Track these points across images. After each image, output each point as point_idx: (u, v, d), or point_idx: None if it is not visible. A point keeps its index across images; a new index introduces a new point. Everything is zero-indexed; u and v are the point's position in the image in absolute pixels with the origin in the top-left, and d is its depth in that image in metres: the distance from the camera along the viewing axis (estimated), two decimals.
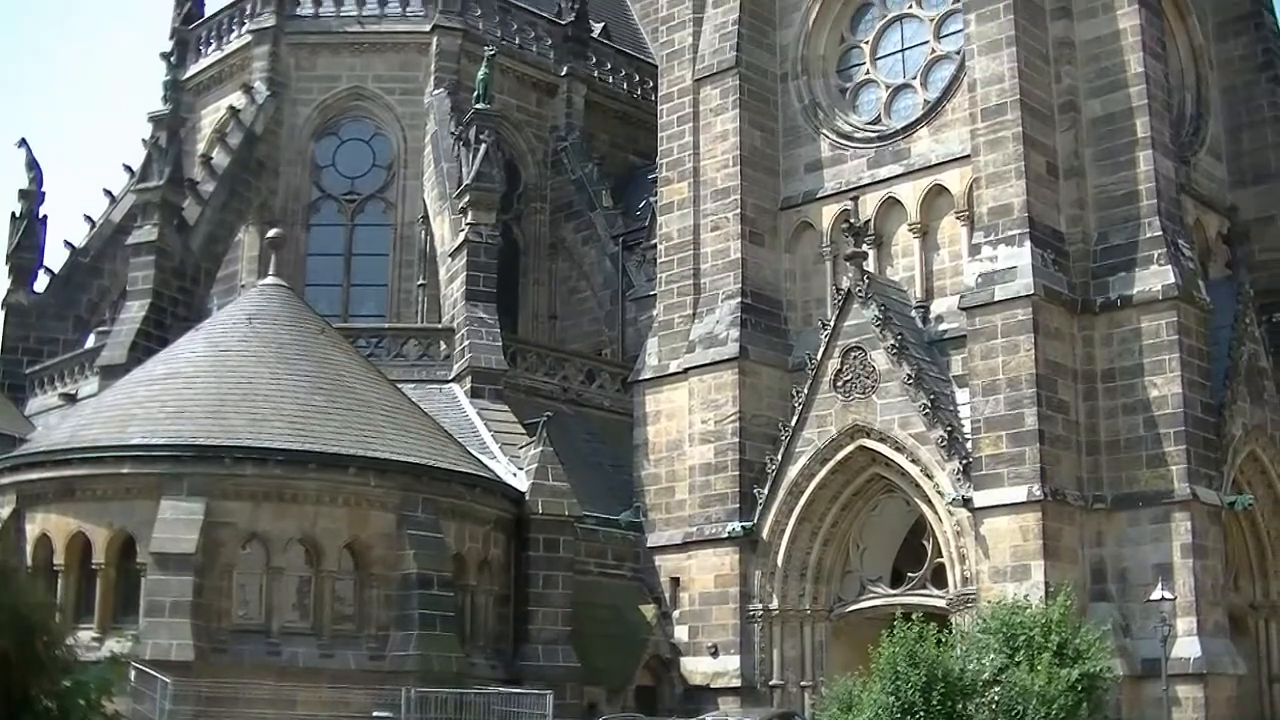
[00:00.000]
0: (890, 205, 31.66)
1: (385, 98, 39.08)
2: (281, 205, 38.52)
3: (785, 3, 34.47)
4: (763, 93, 33.71)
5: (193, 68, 41.36)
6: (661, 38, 36.10)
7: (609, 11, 46.46)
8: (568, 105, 41.39)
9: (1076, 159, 29.11)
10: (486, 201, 34.13)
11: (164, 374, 27.89)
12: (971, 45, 29.59)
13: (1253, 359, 29.96)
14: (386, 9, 39.50)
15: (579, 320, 40.23)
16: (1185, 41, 33.30)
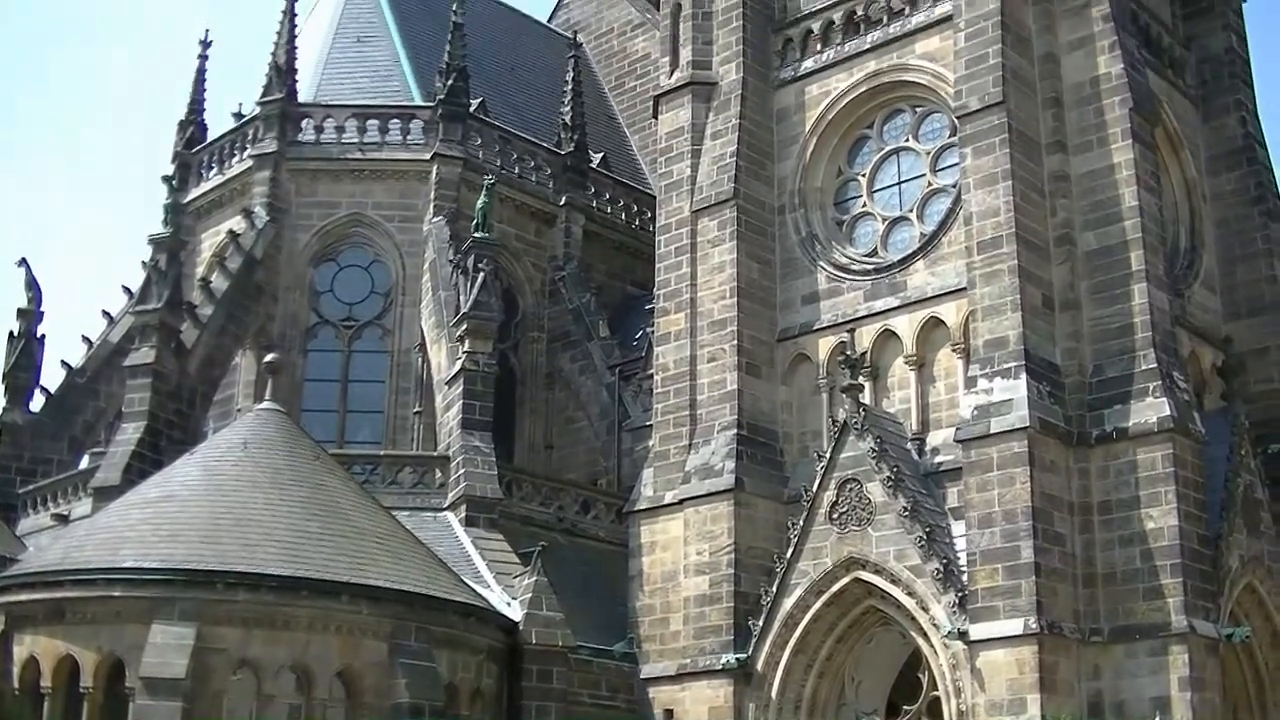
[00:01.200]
0: (887, 337, 31.91)
1: (385, 224, 39.58)
2: (279, 330, 38.83)
3: (783, 136, 35.04)
4: (760, 225, 34.13)
5: (194, 191, 41.93)
6: (660, 169, 36.57)
7: (608, 142, 47.20)
8: (566, 235, 41.91)
9: (1072, 292, 29.46)
10: (484, 330, 34.45)
11: (158, 497, 27.99)
12: (968, 179, 30.07)
13: (1249, 490, 30.04)
14: (387, 137, 40.11)
15: (575, 450, 40.39)
16: (1179, 176, 33.97)
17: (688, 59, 36.10)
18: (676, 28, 36.77)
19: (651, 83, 43.09)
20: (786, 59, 35.63)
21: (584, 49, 49.23)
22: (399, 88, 42.36)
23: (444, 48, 40.59)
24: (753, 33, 35.59)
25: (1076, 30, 31.09)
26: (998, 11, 30.62)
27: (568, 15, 54.43)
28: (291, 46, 40.79)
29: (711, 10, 36.21)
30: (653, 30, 47.09)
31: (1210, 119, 35.38)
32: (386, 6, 44.66)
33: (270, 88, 40.45)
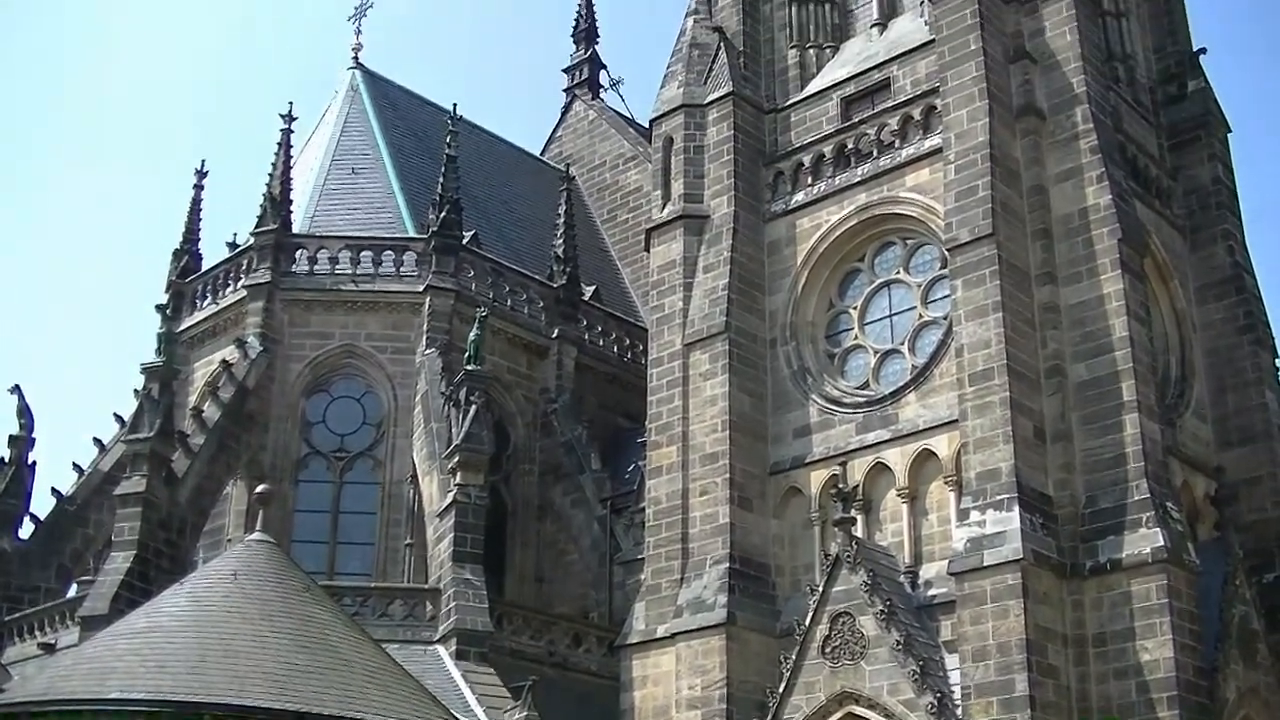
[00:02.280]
0: (879, 470, 32.10)
1: (377, 356, 39.83)
2: (270, 461, 38.91)
3: (774, 269, 35.47)
4: (752, 358, 34.41)
5: (187, 320, 42.22)
6: (652, 302, 36.95)
7: (600, 274, 47.64)
8: (558, 367, 42.15)
9: (1064, 423, 29.70)
10: (475, 463, 34.58)
11: (145, 627, 27.85)
12: (958, 311, 30.43)
13: (1244, 621, 30.04)
14: (381, 268, 40.49)
15: (566, 583, 40.33)
16: (1168, 305, 34.40)
17: (679, 192, 36.62)
18: (668, 161, 37.35)
19: (643, 215, 43.62)
20: (778, 192, 36.19)
21: (576, 182, 49.87)
22: (393, 219, 42.85)
23: (438, 180, 41.14)
24: (744, 166, 36.18)
25: (1065, 162, 31.65)
26: (986, 144, 31.21)
27: (560, 148, 55.24)
28: (286, 177, 41.32)
29: (703, 144, 36.81)
30: (645, 163, 47.78)
31: (1198, 249, 35.90)
32: (381, 138, 45.31)
33: (265, 218, 40.91)
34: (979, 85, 31.99)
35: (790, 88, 37.23)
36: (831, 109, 36.00)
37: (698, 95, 37.24)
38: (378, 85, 48.16)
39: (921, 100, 33.95)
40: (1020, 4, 33.44)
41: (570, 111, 56.51)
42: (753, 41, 37.89)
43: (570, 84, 57.28)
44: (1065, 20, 32.68)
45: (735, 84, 36.74)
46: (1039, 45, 32.87)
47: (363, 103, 46.70)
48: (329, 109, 47.20)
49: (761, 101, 37.25)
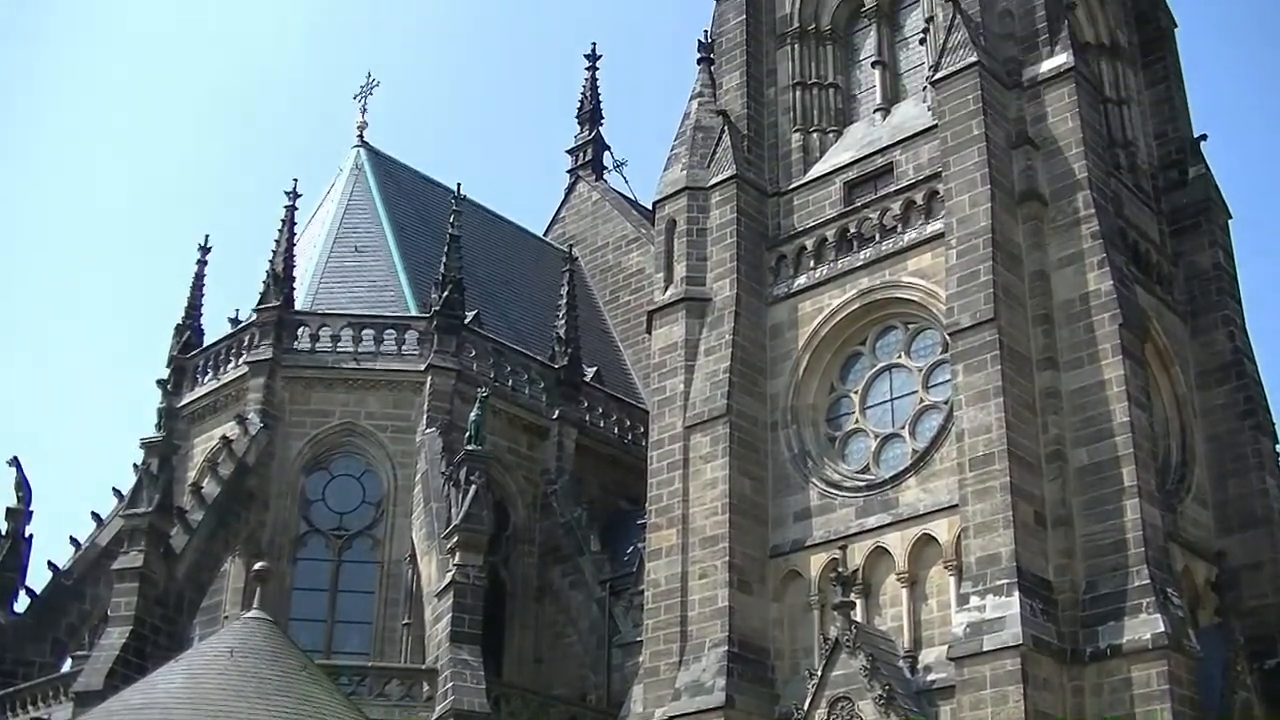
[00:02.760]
0: (879, 555, 32.13)
1: (377, 434, 39.92)
2: (269, 538, 38.91)
3: (776, 352, 35.64)
4: (753, 441, 34.52)
5: (188, 395, 42.33)
6: (653, 384, 37.08)
7: (602, 355, 47.82)
8: (559, 448, 42.21)
9: (1064, 508, 29.77)
10: (475, 543, 34.57)
11: (141, 704, 27.79)
12: (959, 395, 30.57)
13: (1245, 707, 29.96)
14: (382, 347, 40.63)
15: (564, 664, 40.18)
16: (1169, 390, 34.58)
17: (682, 275, 36.86)
18: (671, 243, 37.61)
19: (645, 297, 43.86)
20: (780, 275, 36.42)
21: (579, 263, 50.17)
22: (395, 298, 43.07)
23: (441, 259, 41.37)
24: (746, 249, 36.43)
25: (1066, 247, 31.89)
26: (988, 230, 31.46)
27: (563, 229, 55.57)
28: (289, 254, 41.57)
29: (706, 227, 37.07)
30: (647, 245, 48.02)
31: (1199, 334, 36.15)
32: (384, 217, 45.61)
33: (267, 295, 41.11)
34: (981, 171, 32.30)
35: (793, 171, 37.56)
36: (834, 193, 36.29)
37: (701, 178, 37.57)
38: (382, 163, 48.55)
39: (924, 185, 34.25)
40: (1022, 90, 33.85)
41: (574, 192, 56.92)
42: (756, 125, 38.28)
43: (574, 165, 57.72)
44: (1067, 107, 33.06)
45: (739, 167, 37.09)
46: (1041, 131, 33.24)
47: (367, 181, 47.06)
48: (333, 186, 47.56)
49: (765, 185, 37.57)
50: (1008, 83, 33.85)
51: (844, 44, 39.02)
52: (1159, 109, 39.28)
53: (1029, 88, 33.81)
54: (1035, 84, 33.76)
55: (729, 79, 38.99)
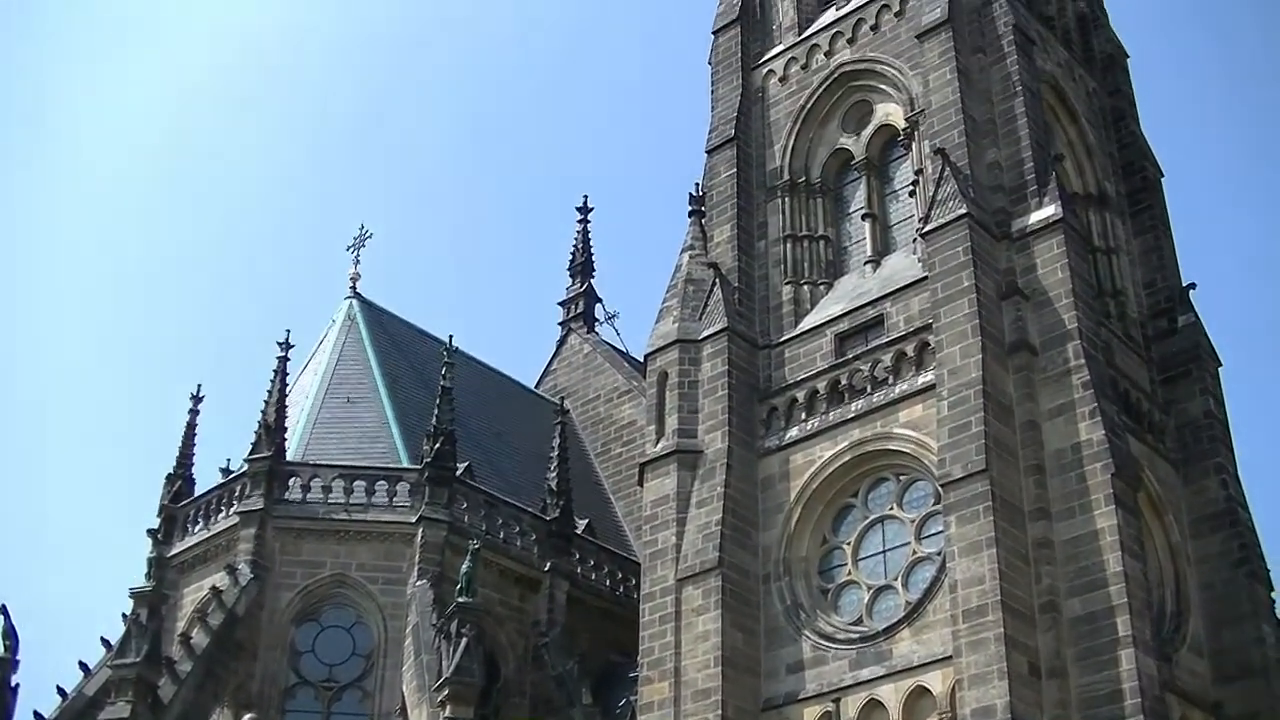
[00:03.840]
0: (873, 707, 32.01)
1: (368, 586, 39.75)
2: (258, 689, 38.54)
3: (768, 504, 35.77)
4: (745, 593, 34.52)
5: (178, 545, 42.17)
6: (645, 536, 37.10)
7: (593, 507, 47.79)
8: (550, 601, 42.02)
9: (1059, 659, 29.71)
10: (465, 695, 34.34)
11: None
12: (952, 547, 30.67)
13: None
14: (374, 498, 40.61)
15: None
16: (1163, 539, 34.74)
17: (673, 427, 37.06)
18: (663, 396, 37.87)
19: (637, 449, 44.00)
20: (771, 427, 36.62)
21: (571, 415, 50.27)
22: (386, 449, 43.16)
23: (433, 411, 41.51)
24: (738, 402, 36.68)
25: (1057, 397, 32.16)
26: (979, 381, 31.74)
27: (555, 381, 55.81)
28: (281, 405, 41.71)
29: (697, 379, 37.35)
30: (639, 397, 48.22)
31: (1191, 482, 36.37)
32: (377, 368, 45.83)
33: (259, 445, 41.20)
34: (971, 322, 32.67)
35: (784, 323, 37.93)
36: (825, 345, 36.64)
37: (692, 331, 37.93)
38: (375, 315, 48.89)
39: (915, 336, 34.60)
40: (1012, 241, 34.36)
41: (566, 344, 57.26)
42: (747, 278, 38.75)
43: (566, 317, 58.13)
44: (1057, 257, 33.55)
45: (730, 320, 37.46)
46: (1031, 282, 33.69)
47: (359, 332, 47.37)
48: (326, 337, 47.85)
49: (756, 337, 37.93)
50: (997, 234, 34.36)
51: (834, 196, 39.69)
52: (1148, 258, 39.90)
53: (1018, 239, 34.32)
54: (1024, 235, 34.29)
55: (720, 232, 39.57)
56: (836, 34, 40.78)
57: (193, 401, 45.10)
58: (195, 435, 45.01)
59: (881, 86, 39.35)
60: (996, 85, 36.74)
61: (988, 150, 35.81)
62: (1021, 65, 36.72)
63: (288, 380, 42.78)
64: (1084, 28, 43.70)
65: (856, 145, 39.51)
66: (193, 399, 45.11)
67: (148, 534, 42.27)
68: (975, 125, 35.90)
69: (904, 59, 38.59)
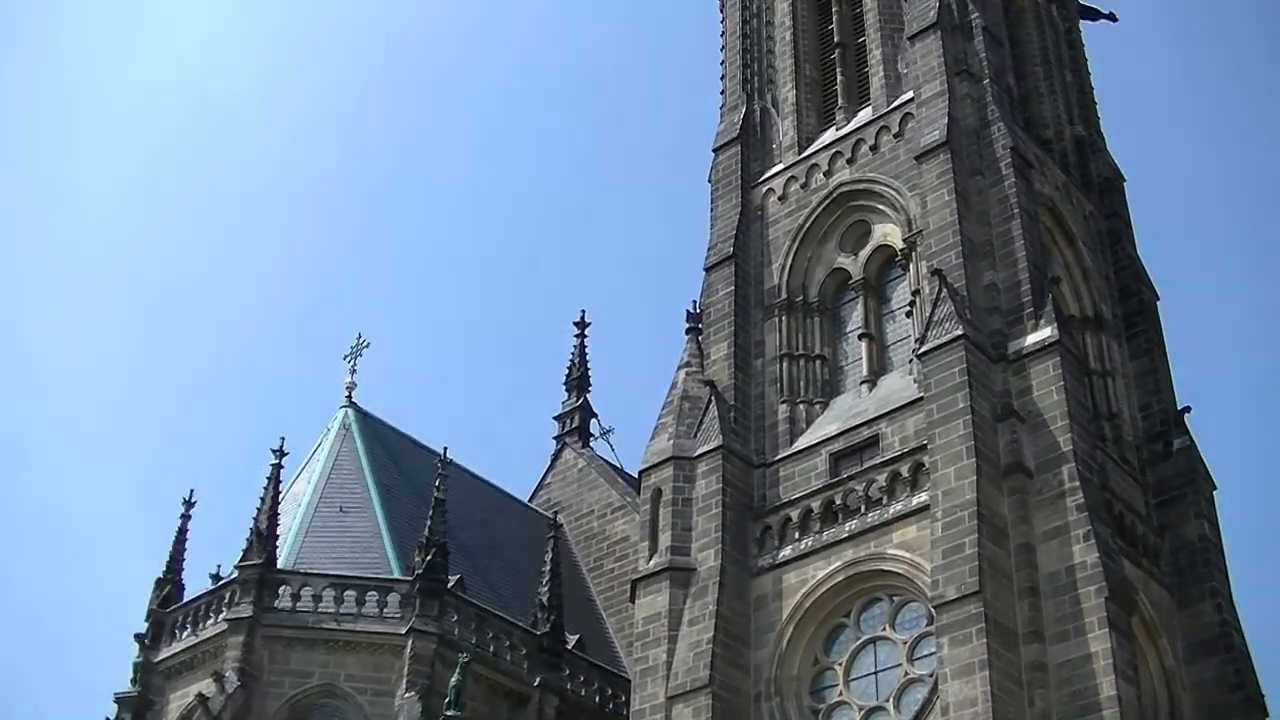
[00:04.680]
0: None
1: (356, 697, 39.43)
2: None
3: (760, 623, 35.68)
4: (736, 712, 34.39)
5: (165, 650, 41.91)
6: (636, 653, 37.03)
7: (585, 623, 47.58)
8: (539, 716, 41.65)
9: None
10: None
11: None
12: (944, 669, 30.56)
13: None
14: (364, 609, 40.44)
15: None
16: (1157, 663, 34.68)
17: (666, 544, 37.03)
18: (656, 512, 37.86)
19: (630, 565, 43.86)
20: (765, 546, 36.61)
21: (564, 529, 50.23)
22: (378, 559, 43.03)
23: (425, 522, 41.47)
24: (732, 519, 36.69)
25: (1052, 520, 32.18)
26: (974, 503, 31.78)
27: (549, 495, 55.72)
28: (274, 512, 41.66)
29: (691, 497, 37.37)
30: (633, 513, 48.16)
31: (1186, 606, 36.31)
32: (370, 478, 45.81)
33: (250, 552, 41.09)
34: (967, 444, 32.77)
35: (780, 442, 38.01)
36: (820, 464, 36.71)
37: (687, 448, 38.00)
38: (369, 424, 48.95)
39: (910, 457, 34.67)
40: (1008, 363, 34.53)
41: (560, 459, 57.23)
42: (743, 396, 38.89)
43: (561, 431, 58.14)
44: (1052, 380, 33.70)
45: (725, 438, 37.56)
46: (1026, 404, 33.82)
47: (354, 441, 47.40)
48: (320, 445, 47.87)
49: (751, 455, 37.99)
50: (993, 355, 34.55)
51: (831, 316, 39.92)
52: (1143, 381, 40.06)
53: (1014, 361, 34.50)
54: (1020, 357, 34.47)
55: (717, 349, 39.76)
56: (836, 154, 41.26)
57: (185, 507, 45.03)
58: (186, 540, 44.91)
59: (880, 207, 39.74)
60: (994, 207, 37.09)
61: (985, 272, 36.08)
62: (1019, 188, 37.09)
63: (281, 487, 42.78)
64: (1081, 151, 44.18)
65: (854, 265, 39.81)
66: (185, 504, 45.05)
67: (135, 638, 42.08)
68: (973, 247, 36.19)
69: (902, 180, 39.01)
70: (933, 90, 39.13)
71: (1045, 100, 44.18)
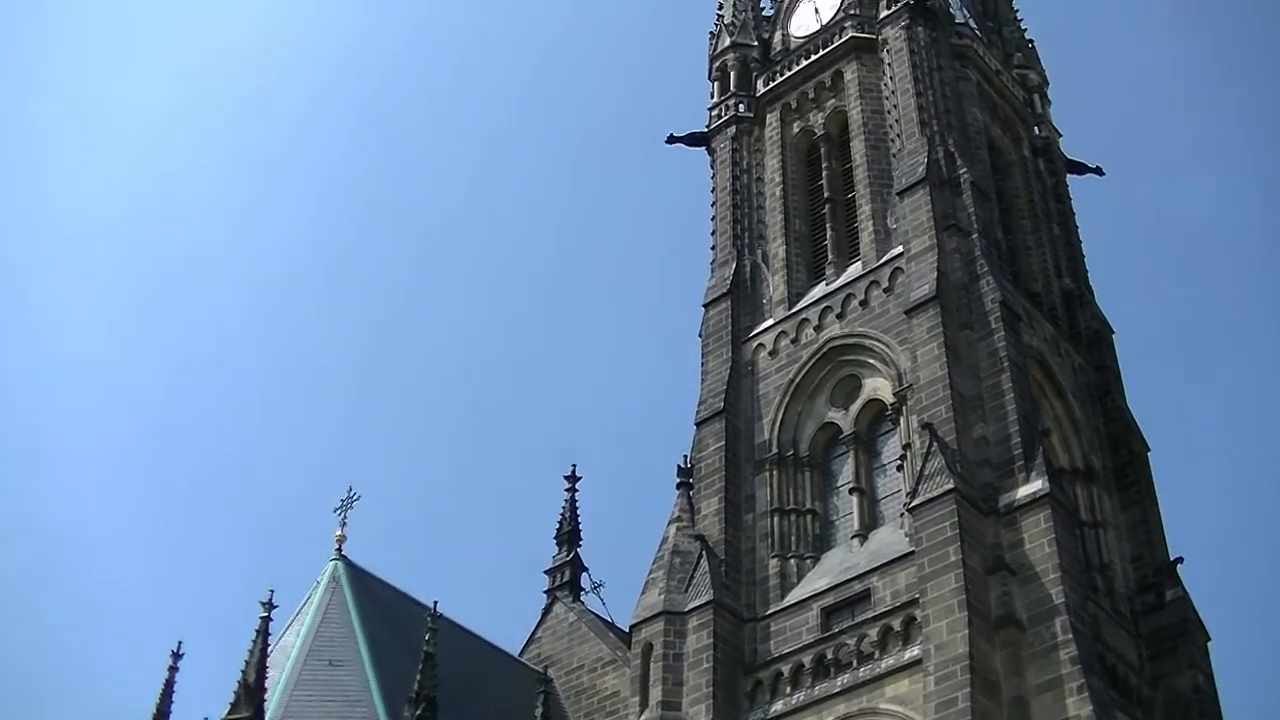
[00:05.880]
0: None
1: None
2: None
3: None
4: None
5: None
6: None
7: None
8: None
9: None
10: None
11: None
12: None
13: None
14: None
15: None
16: None
17: (657, 699, 36.91)
18: (647, 667, 37.76)
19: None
20: (756, 701, 36.56)
21: (554, 684, 49.89)
22: (367, 713, 42.65)
23: (415, 676, 41.27)
24: (723, 674, 36.61)
25: (1044, 673, 32.12)
26: (966, 656, 31.77)
27: (539, 649, 55.32)
28: (262, 666, 41.28)
29: (682, 651, 37.28)
30: (623, 668, 47.81)
31: None
32: (360, 632, 45.59)
33: (238, 705, 40.59)
34: (958, 597, 32.81)
35: (771, 597, 38.02)
36: (811, 619, 36.71)
37: (678, 603, 37.97)
38: (359, 578, 48.84)
39: (901, 611, 34.71)
40: (999, 516, 34.67)
41: (551, 613, 56.90)
42: (734, 550, 38.93)
43: (551, 585, 57.85)
44: (1044, 532, 33.81)
45: (716, 592, 37.55)
46: (1018, 557, 33.89)
47: (344, 594, 47.27)
48: (310, 598, 47.74)
49: (742, 610, 37.97)
50: (984, 509, 34.70)
51: (822, 470, 40.11)
52: (1135, 532, 40.19)
53: (1005, 514, 34.64)
54: (1011, 510, 34.62)
55: (707, 504, 39.86)
56: (826, 309, 41.76)
57: (172, 659, 44.76)
58: (173, 693, 44.56)
59: (870, 361, 40.13)
60: (984, 361, 37.46)
61: (975, 425, 36.36)
62: (1009, 341, 37.50)
63: (269, 640, 42.64)
64: (1070, 304, 44.72)
65: (845, 420, 40.09)
66: (173, 655, 44.77)
67: None
68: (963, 400, 36.51)
69: (892, 334, 39.44)
70: (922, 245, 39.73)
71: (1033, 254, 44.85)
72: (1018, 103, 49.22)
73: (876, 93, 45.37)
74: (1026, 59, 51.48)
